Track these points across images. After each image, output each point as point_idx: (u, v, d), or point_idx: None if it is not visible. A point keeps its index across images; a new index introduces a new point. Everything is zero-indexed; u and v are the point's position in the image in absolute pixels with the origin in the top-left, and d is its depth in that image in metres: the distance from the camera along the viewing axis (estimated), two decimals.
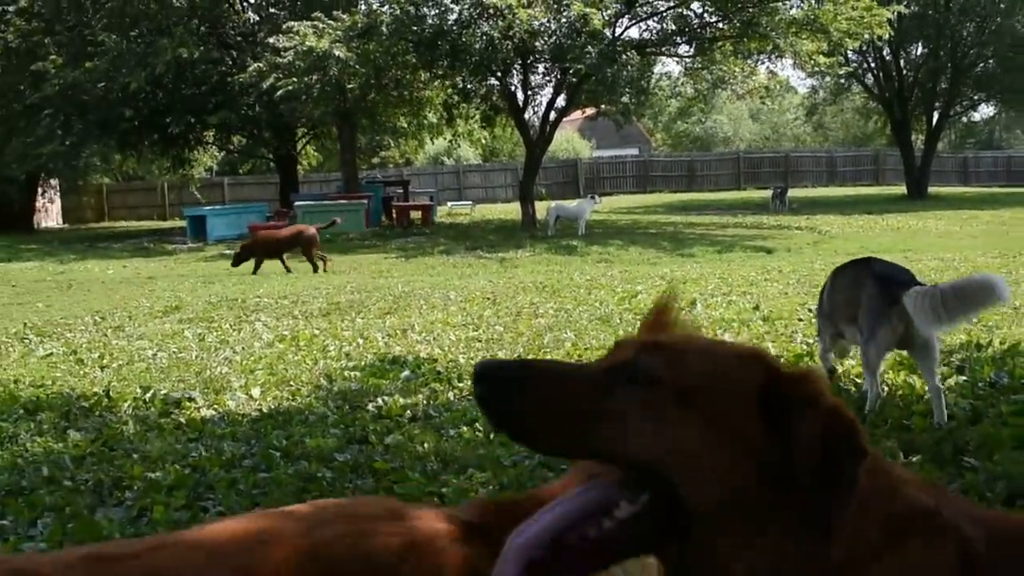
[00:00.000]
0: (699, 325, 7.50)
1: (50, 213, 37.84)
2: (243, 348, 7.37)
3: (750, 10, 21.26)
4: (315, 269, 15.26)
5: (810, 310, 7.33)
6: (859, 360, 5.04)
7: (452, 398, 5.45)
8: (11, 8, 26.54)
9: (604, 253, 17.38)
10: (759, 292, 9.64)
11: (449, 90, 25.22)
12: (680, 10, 22.83)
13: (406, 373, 6.07)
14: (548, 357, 6.46)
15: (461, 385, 5.71)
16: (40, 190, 35.13)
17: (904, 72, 35.19)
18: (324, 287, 12.09)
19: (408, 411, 5.15)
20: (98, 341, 8.10)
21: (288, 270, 15.21)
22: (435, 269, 15.31)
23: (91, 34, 26.61)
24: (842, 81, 36.46)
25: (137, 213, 40.12)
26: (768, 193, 32.84)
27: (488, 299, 9.93)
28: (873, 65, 35.39)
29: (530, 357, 6.45)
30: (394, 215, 27.01)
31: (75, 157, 26.90)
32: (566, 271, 13.68)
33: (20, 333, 8.84)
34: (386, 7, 22.80)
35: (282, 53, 21.25)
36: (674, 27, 23.34)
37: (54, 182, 36.42)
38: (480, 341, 7.24)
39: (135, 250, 21.96)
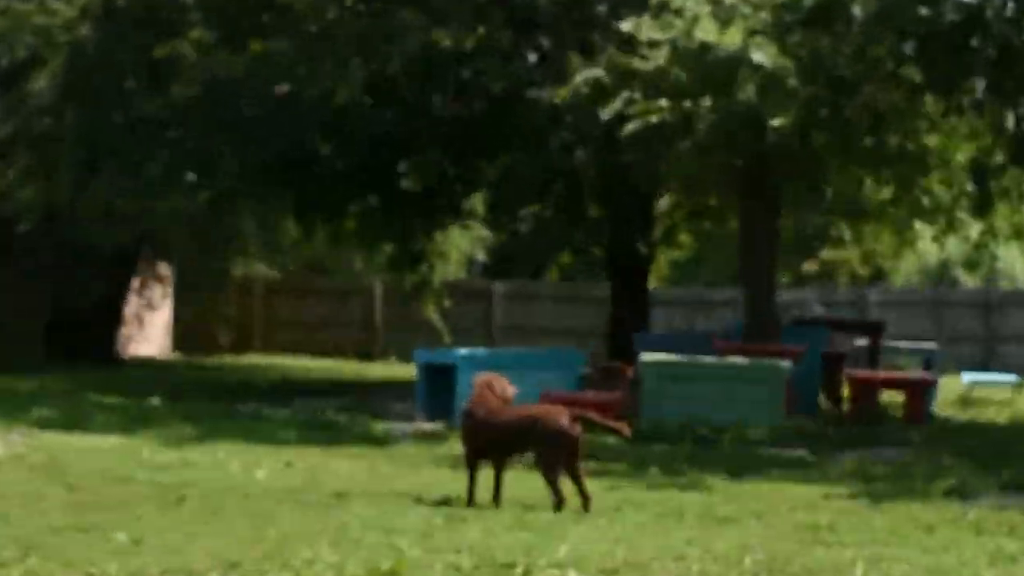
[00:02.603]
0: None
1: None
2: None
3: None
4: (584, 500, 6.77)
5: None
6: None
7: None
8: None
9: None
10: None
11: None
12: None
13: None
14: None
15: None
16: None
17: None
18: (691, 551, 5.18)
19: None
20: None
21: (559, 502, 6.74)
22: (934, 534, 6.87)
23: None
24: None
25: (315, 338, 22.41)
26: None
27: None
28: None
29: None
30: (842, 391, 14.16)
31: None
32: None
33: None
34: None
35: (646, 51, 11.93)
36: None
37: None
38: None
39: (310, 424, 11.81)
